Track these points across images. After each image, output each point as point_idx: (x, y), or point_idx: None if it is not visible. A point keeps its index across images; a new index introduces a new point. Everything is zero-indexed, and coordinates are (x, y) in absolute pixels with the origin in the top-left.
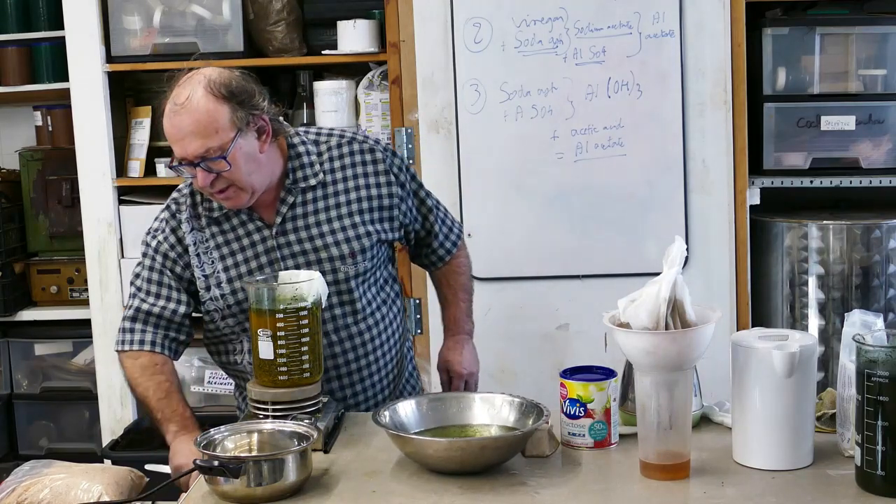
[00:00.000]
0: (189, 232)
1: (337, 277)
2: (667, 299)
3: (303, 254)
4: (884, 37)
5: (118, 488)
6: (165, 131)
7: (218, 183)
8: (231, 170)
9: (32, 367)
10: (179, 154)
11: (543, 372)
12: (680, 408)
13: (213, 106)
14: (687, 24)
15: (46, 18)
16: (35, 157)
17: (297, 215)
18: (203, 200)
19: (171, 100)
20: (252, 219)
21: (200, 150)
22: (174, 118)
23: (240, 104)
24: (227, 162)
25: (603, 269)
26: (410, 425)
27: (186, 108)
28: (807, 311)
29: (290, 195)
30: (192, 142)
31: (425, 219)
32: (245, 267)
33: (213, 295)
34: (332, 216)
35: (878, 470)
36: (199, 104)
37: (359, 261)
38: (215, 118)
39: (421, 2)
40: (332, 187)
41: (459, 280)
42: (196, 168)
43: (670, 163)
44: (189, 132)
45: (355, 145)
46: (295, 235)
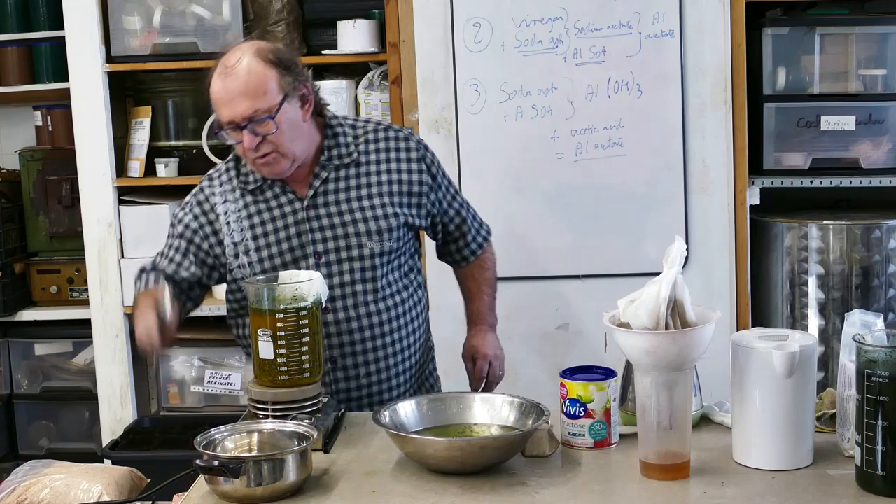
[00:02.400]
0: (221, 203)
1: (362, 253)
2: (667, 299)
3: (331, 227)
4: (884, 37)
5: (118, 488)
6: (213, 95)
7: (262, 147)
8: (276, 133)
9: (32, 367)
10: (227, 116)
11: (543, 372)
12: (680, 408)
13: (263, 69)
14: (687, 24)
15: (46, 18)
16: (35, 157)
17: (329, 190)
18: (239, 175)
19: (220, 64)
20: (285, 191)
21: (249, 111)
22: (224, 80)
23: (287, 70)
24: (274, 123)
25: (603, 269)
26: (410, 425)
27: (237, 70)
28: (807, 311)
29: (324, 171)
30: (241, 103)
31: (457, 213)
32: (274, 237)
33: (241, 262)
34: (362, 194)
35: (878, 470)
36: (249, 67)
37: (385, 239)
38: (264, 81)
39: (421, 2)
40: (364, 167)
41: (485, 275)
42: (242, 131)
43: (670, 163)
44: (239, 93)
45: (391, 132)
46: (325, 210)
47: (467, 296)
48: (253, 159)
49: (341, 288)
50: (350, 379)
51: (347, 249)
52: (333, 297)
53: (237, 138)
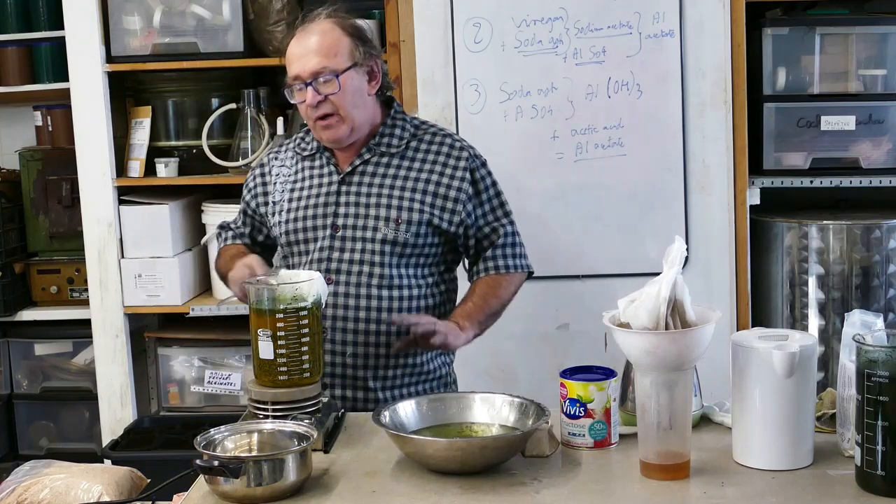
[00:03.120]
0: (278, 165)
1: (375, 236)
2: (667, 299)
3: (355, 205)
4: (884, 37)
5: (118, 488)
6: (288, 53)
7: (323, 106)
8: (339, 94)
9: (32, 367)
10: (296, 71)
11: (543, 372)
12: (680, 408)
13: (338, 34)
14: (687, 24)
15: (46, 18)
16: (35, 157)
17: (367, 172)
18: (301, 143)
19: (301, 27)
20: (329, 163)
21: (317, 66)
22: (301, 38)
23: (361, 41)
24: (338, 83)
25: (603, 269)
26: (410, 425)
27: (314, 30)
28: (807, 311)
29: (370, 153)
30: (311, 59)
31: (493, 231)
32: (304, 202)
33: (276, 221)
34: (395, 184)
35: (878, 470)
36: (326, 28)
37: (401, 229)
38: (337, 43)
39: (421, 2)
40: (408, 162)
41: (489, 289)
42: (308, 87)
43: (670, 163)
44: (311, 50)
45: (448, 140)
46: (356, 187)
47: (465, 297)
48: (314, 120)
49: (349, 264)
50: (336, 354)
51: (364, 230)
52: (339, 269)
53: (300, 97)
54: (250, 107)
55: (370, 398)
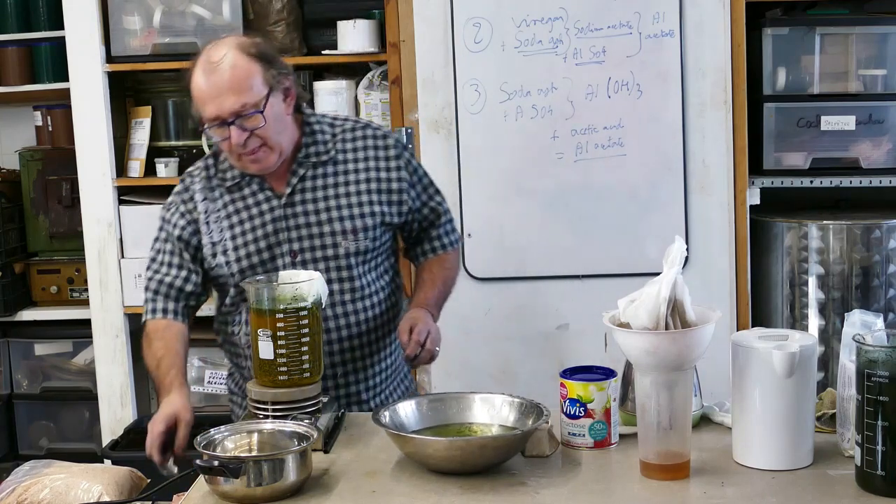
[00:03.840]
0: (201, 201)
1: (337, 252)
2: (667, 299)
3: (307, 226)
4: (884, 37)
5: (118, 488)
6: (198, 92)
7: (250, 142)
8: (264, 127)
9: (32, 367)
10: (213, 112)
11: (543, 372)
12: (680, 408)
13: (248, 64)
14: (687, 24)
15: (46, 18)
16: (35, 157)
17: (307, 188)
18: (217, 172)
19: (202, 61)
20: (263, 189)
21: (237, 105)
22: (210, 76)
23: (270, 63)
24: (262, 117)
25: (603, 269)
26: (410, 425)
27: (221, 66)
28: (807, 311)
29: (302, 168)
30: (228, 98)
31: (432, 211)
32: (252, 235)
33: (219, 262)
34: (340, 192)
35: (878, 470)
36: (235, 62)
37: (360, 238)
38: (250, 75)
39: (421, 2)
40: (342, 165)
41: (444, 272)
42: (230, 127)
43: (670, 163)
44: (226, 89)
45: (369, 130)
46: (302, 207)
47: (419, 284)
48: (239, 155)
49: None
50: (326, 378)
51: (322, 248)
52: None
53: (223, 135)
54: None
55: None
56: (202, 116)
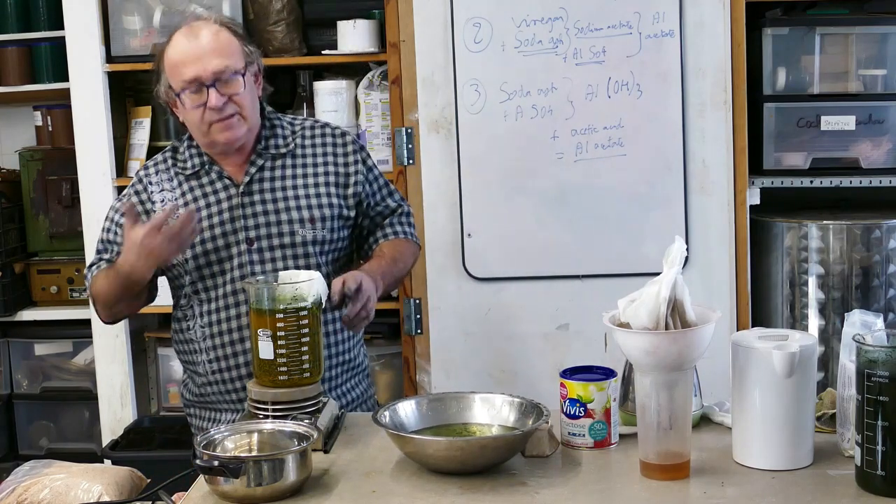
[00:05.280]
0: (158, 192)
1: (294, 241)
2: (667, 299)
3: (264, 213)
4: (884, 37)
5: (118, 488)
6: (175, 56)
7: (228, 107)
8: (243, 94)
9: (32, 367)
10: (194, 73)
11: (543, 372)
12: (680, 408)
13: (227, 34)
14: (687, 24)
15: (46, 18)
16: (35, 157)
17: (265, 178)
18: (176, 163)
19: (183, 31)
20: (221, 177)
21: (220, 66)
22: (192, 40)
23: (246, 41)
24: (243, 81)
25: (603, 269)
26: (410, 425)
27: (205, 31)
28: (807, 311)
29: (261, 158)
30: (211, 60)
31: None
32: (208, 221)
33: None
34: (297, 183)
35: (878, 470)
36: (217, 29)
37: (318, 227)
38: (232, 42)
39: (421, 2)
40: (300, 159)
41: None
42: (210, 89)
43: (670, 163)
44: (209, 50)
45: (328, 129)
46: (260, 196)
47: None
48: (210, 124)
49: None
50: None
51: (280, 236)
52: None
53: (198, 101)
54: None
55: None
56: (175, 84)
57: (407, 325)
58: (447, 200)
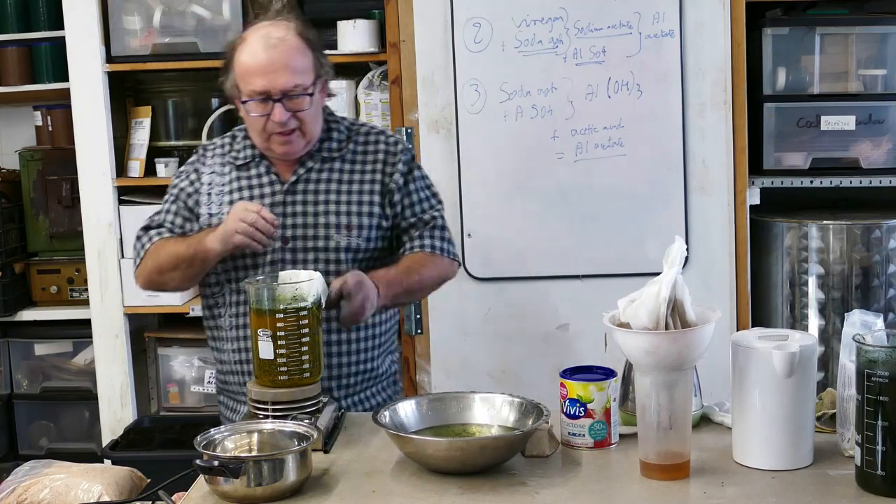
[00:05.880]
0: (207, 174)
1: (328, 245)
2: (667, 299)
3: (303, 214)
4: (884, 37)
5: (118, 488)
6: (249, 63)
7: (290, 122)
8: (307, 111)
9: (32, 367)
10: (263, 86)
11: (543, 372)
12: (680, 408)
13: (303, 48)
14: (687, 24)
15: (46, 18)
16: (35, 157)
17: (311, 179)
18: (231, 150)
19: (260, 35)
20: (269, 172)
21: (289, 84)
22: (270, 51)
23: (321, 53)
24: (310, 100)
25: (603, 269)
26: (410, 425)
27: (283, 44)
28: (807, 311)
29: (311, 160)
30: (282, 75)
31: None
32: None
33: None
34: (342, 189)
35: (878, 470)
36: (296, 43)
37: (353, 235)
38: (307, 59)
39: (421, 2)
40: (349, 164)
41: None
42: (276, 104)
43: (670, 163)
44: (283, 65)
45: (382, 136)
46: (302, 196)
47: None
48: (270, 135)
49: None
50: None
51: (314, 239)
52: None
53: (263, 111)
54: None
55: None
56: (244, 90)
57: (407, 325)
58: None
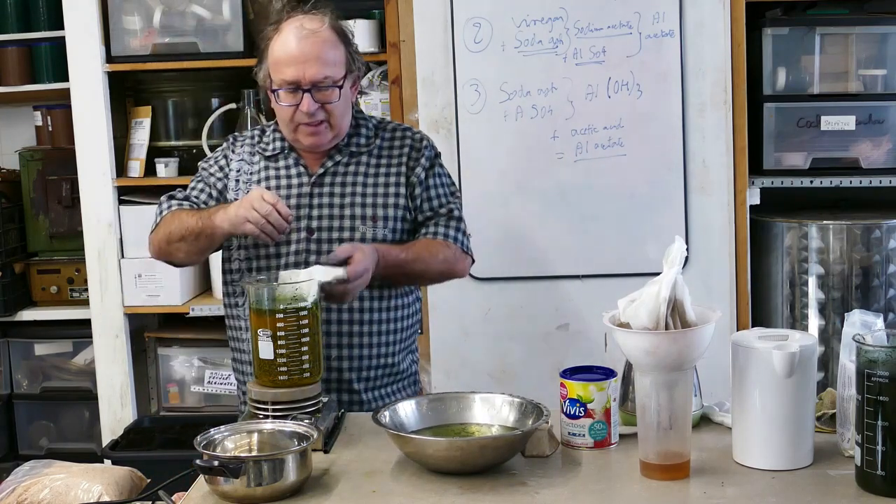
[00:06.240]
0: (237, 160)
1: (354, 236)
2: (667, 299)
3: (329, 206)
4: (884, 37)
5: (118, 488)
6: (283, 53)
7: (318, 114)
8: (336, 103)
9: (32, 367)
10: (294, 76)
11: (543, 372)
12: (680, 408)
13: (336, 41)
14: (687, 24)
15: (46, 18)
16: (35, 157)
17: (338, 171)
18: (260, 142)
19: (295, 26)
20: (298, 164)
21: (319, 75)
22: (302, 41)
23: (353, 48)
24: (339, 93)
25: (603, 269)
26: (410, 425)
27: (317, 35)
28: (807, 311)
29: (339, 154)
30: (313, 66)
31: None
32: None
33: None
34: (367, 181)
35: (878, 470)
36: (329, 36)
37: (378, 226)
38: (339, 52)
39: (421, 2)
40: (376, 158)
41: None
42: (305, 94)
43: (670, 163)
44: (315, 56)
45: (408, 132)
46: (329, 189)
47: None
48: (298, 126)
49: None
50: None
51: (340, 231)
52: None
53: (293, 100)
54: (250, 107)
55: (355, 400)
56: (275, 79)
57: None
58: None
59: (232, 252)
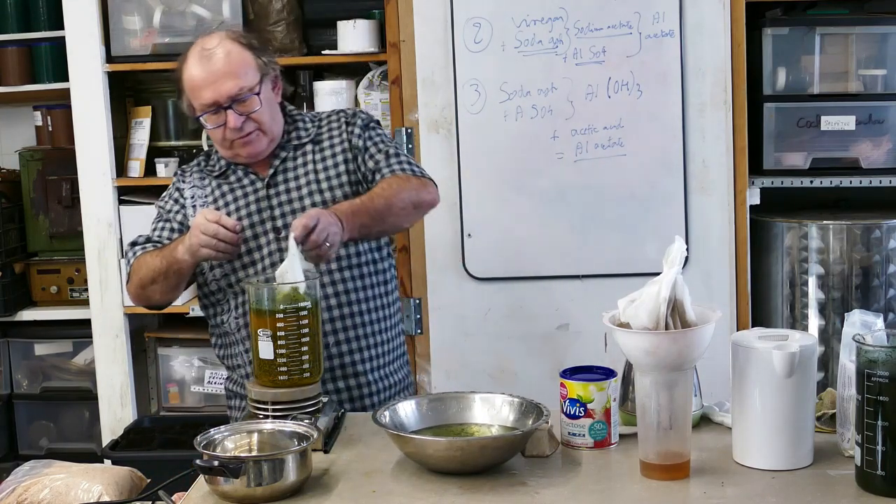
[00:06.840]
0: (189, 188)
1: None
2: (667, 299)
3: (288, 202)
4: (884, 37)
5: (118, 488)
6: (192, 80)
7: (246, 125)
8: (260, 110)
9: (32, 367)
10: (211, 98)
11: (543, 372)
12: (680, 408)
13: (241, 51)
14: (687, 24)
15: (46, 18)
16: (35, 157)
17: (288, 168)
18: (207, 166)
19: (196, 52)
20: (247, 174)
21: (234, 89)
22: (206, 63)
23: (260, 52)
24: (259, 100)
25: (603, 269)
26: (410, 425)
27: (218, 52)
28: (807, 311)
29: (284, 151)
30: (225, 82)
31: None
32: (236, 215)
33: None
34: (318, 168)
35: (878, 470)
36: (229, 49)
37: None
38: (246, 60)
39: (421, 2)
40: (318, 144)
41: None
42: (227, 111)
43: (670, 163)
44: (223, 73)
45: (342, 113)
46: (284, 186)
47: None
48: (232, 142)
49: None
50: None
51: None
52: None
53: (218, 121)
54: None
55: (362, 383)
56: (196, 106)
57: (407, 324)
58: (447, 200)
59: (206, 275)
